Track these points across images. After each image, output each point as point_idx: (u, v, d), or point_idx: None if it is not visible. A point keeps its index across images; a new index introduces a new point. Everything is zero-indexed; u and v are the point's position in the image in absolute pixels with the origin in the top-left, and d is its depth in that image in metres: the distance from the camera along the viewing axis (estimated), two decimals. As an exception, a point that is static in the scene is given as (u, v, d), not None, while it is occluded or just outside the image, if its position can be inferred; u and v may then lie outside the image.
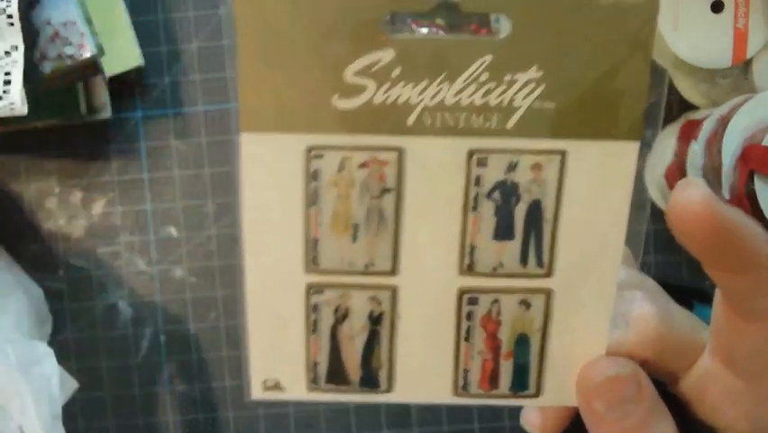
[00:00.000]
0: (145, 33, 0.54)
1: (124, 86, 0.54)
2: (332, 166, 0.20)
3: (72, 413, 0.56)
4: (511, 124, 0.19)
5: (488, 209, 0.20)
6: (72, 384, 0.47)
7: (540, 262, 0.20)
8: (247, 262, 0.22)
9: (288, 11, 0.19)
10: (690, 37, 0.48)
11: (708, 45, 0.48)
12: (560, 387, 0.21)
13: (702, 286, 0.23)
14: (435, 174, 0.20)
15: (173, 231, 0.56)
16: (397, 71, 0.19)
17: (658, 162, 0.52)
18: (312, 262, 0.21)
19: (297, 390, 0.22)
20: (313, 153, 0.20)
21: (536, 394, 0.21)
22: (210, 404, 0.56)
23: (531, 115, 0.19)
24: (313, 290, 0.21)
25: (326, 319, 0.21)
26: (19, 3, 0.44)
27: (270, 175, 0.21)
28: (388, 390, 0.21)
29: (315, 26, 0.19)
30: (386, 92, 0.19)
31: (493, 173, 0.19)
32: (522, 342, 0.21)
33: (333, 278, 0.21)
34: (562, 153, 0.19)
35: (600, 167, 0.20)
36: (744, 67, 0.49)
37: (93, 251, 0.56)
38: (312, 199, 0.20)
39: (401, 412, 0.56)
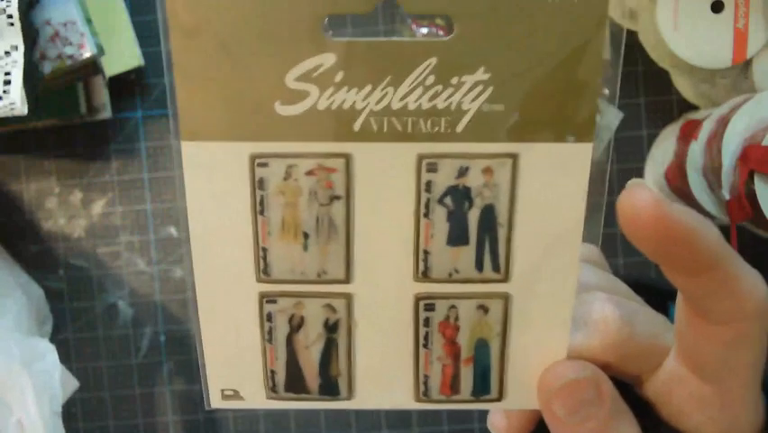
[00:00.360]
0: (145, 33, 0.54)
1: (124, 86, 0.54)
2: (278, 174, 0.19)
3: (72, 412, 0.56)
4: (460, 127, 0.19)
5: (440, 215, 0.19)
6: (73, 383, 0.48)
7: (496, 267, 0.20)
8: (196, 272, 0.20)
9: (224, 15, 0.18)
10: (690, 37, 0.48)
11: (708, 45, 0.48)
12: (522, 390, 0.21)
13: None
14: (385, 180, 0.19)
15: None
16: (339, 76, 0.18)
17: (658, 162, 0.52)
18: (263, 271, 0.20)
19: (255, 398, 0.21)
20: (257, 162, 0.19)
21: (499, 398, 0.21)
22: (210, 404, 0.56)
23: (480, 118, 0.18)
24: (266, 299, 0.20)
25: (281, 328, 0.21)
26: (19, 3, 0.44)
27: (215, 184, 0.19)
28: (349, 397, 0.21)
29: (252, 31, 0.18)
30: (329, 97, 0.18)
31: (444, 178, 0.19)
32: (482, 347, 0.20)
33: (285, 287, 0.20)
34: (514, 156, 0.19)
35: (553, 169, 0.19)
36: (744, 67, 0.49)
37: (93, 251, 0.56)
38: (259, 208, 0.19)
39: (401, 412, 0.56)
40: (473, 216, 0.19)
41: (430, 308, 0.20)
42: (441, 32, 0.54)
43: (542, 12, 0.18)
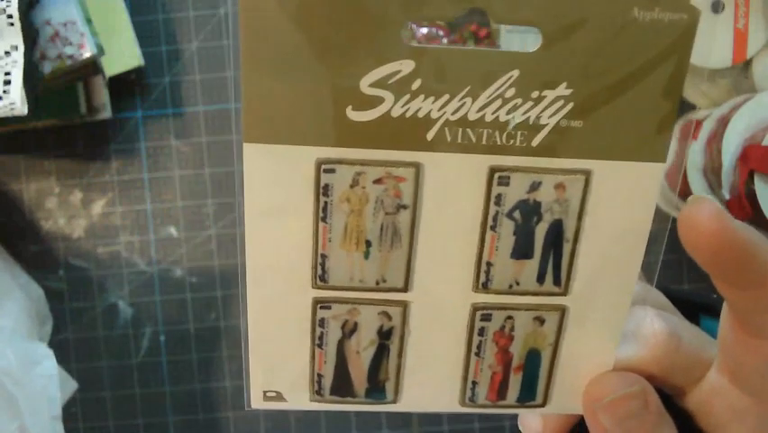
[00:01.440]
0: (145, 33, 0.54)
1: (124, 86, 0.54)
2: (344, 181, 0.19)
3: (72, 413, 0.56)
4: (536, 142, 0.18)
5: (507, 228, 0.19)
6: (72, 385, 0.48)
7: (557, 281, 0.20)
8: (249, 276, 0.20)
9: (303, 15, 0.18)
10: (690, 37, 0.48)
11: (708, 45, 0.48)
12: (566, 397, 0.21)
13: (709, 299, 0.22)
14: (454, 191, 0.19)
15: (173, 231, 0.56)
16: (417, 83, 0.18)
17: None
18: (319, 278, 0.20)
19: (299, 400, 0.21)
20: (324, 167, 0.19)
21: (543, 404, 0.21)
22: (210, 404, 0.56)
23: (557, 134, 0.18)
24: (320, 305, 0.20)
25: (333, 333, 0.20)
26: (19, 3, 0.44)
27: (276, 188, 0.19)
28: (395, 400, 0.21)
29: (330, 32, 0.17)
30: (404, 105, 0.18)
31: (515, 192, 0.19)
32: (533, 356, 0.21)
33: (341, 293, 0.20)
34: (587, 173, 0.19)
35: (624, 187, 0.19)
36: (743, 67, 0.49)
37: (93, 251, 0.56)
38: (322, 215, 0.19)
39: (401, 413, 0.56)
40: (540, 231, 0.19)
41: (486, 318, 0.20)
42: (441, 32, 0.54)
43: (630, 29, 0.17)
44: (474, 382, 0.21)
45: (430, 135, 0.18)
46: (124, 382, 0.56)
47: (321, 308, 0.20)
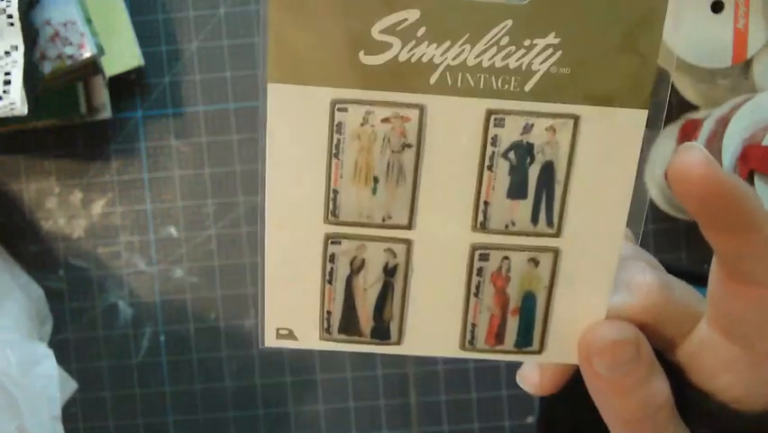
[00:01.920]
0: (145, 33, 0.54)
1: (124, 86, 0.54)
2: (355, 119, 0.20)
3: (72, 412, 0.56)
4: (529, 87, 0.20)
5: (503, 168, 0.20)
6: (72, 385, 0.48)
7: (550, 222, 0.21)
8: (267, 212, 0.21)
9: None
10: (690, 37, 0.48)
11: (708, 45, 0.48)
12: (562, 345, 0.22)
13: (703, 271, 0.22)
14: (454, 132, 0.20)
15: (173, 231, 0.56)
16: (421, 31, 0.19)
17: (658, 162, 0.52)
18: (332, 213, 0.21)
19: (309, 339, 0.22)
20: (338, 106, 0.20)
21: (539, 351, 0.22)
22: (210, 404, 0.56)
23: (547, 80, 0.20)
24: (331, 240, 0.21)
25: (342, 270, 0.21)
26: (19, 3, 0.44)
27: (295, 125, 0.20)
28: (398, 342, 0.22)
29: None
30: (410, 50, 0.19)
31: (510, 134, 0.20)
32: (529, 299, 0.21)
33: (350, 229, 0.21)
34: (576, 118, 0.20)
35: (610, 132, 0.20)
36: (743, 67, 0.49)
37: (93, 251, 0.56)
38: (335, 151, 0.20)
39: (401, 412, 0.56)
40: (533, 172, 0.21)
41: (484, 258, 0.21)
42: None
43: None
44: (473, 325, 0.22)
45: (432, 79, 0.20)
46: (124, 382, 0.56)
47: (332, 243, 0.21)
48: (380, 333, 0.22)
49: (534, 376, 0.23)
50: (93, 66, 0.49)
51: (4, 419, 0.41)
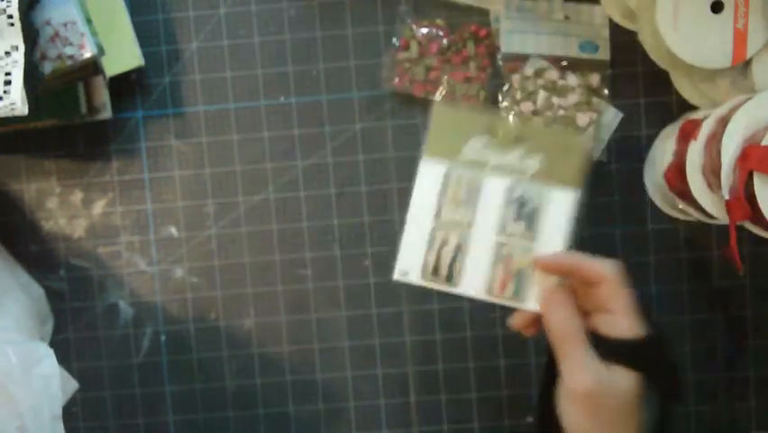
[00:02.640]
0: (145, 33, 0.54)
1: (125, 86, 0.54)
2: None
3: (73, 412, 0.56)
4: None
5: (512, 208, 0.42)
6: (72, 385, 0.48)
7: (531, 230, 0.42)
8: (409, 214, 0.42)
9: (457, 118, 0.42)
10: (689, 37, 0.48)
11: (708, 45, 0.48)
12: (533, 299, 0.41)
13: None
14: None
15: (173, 231, 0.56)
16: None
17: (657, 163, 0.52)
18: (436, 216, 0.42)
19: (416, 278, 0.41)
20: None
21: (522, 302, 0.41)
22: (210, 404, 0.56)
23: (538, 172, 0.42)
24: (434, 230, 0.41)
25: (437, 244, 0.41)
26: (19, 3, 0.44)
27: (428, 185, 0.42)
28: (456, 286, 0.41)
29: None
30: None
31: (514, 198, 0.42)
32: (521, 272, 0.41)
33: (445, 224, 0.42)
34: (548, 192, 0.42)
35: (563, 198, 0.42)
36: (743, 67, 0.49)
37: (93, 251, 0.56)
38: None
39: (401, 412, 0.56)
40: (527, 211, 0.42)
41: (501, 247, 0.41)
42: (441, 32, 0.54)
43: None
44: (492, 280, 0.41)
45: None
46: (125, 382, 0.56)
47: (437, 230, 0.42)
48: (450, 279, 0.41)
49: (521, 318, 0.42)
50: (93, 66, 0.49)
51: (4, 418, 0.41)
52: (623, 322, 0.38)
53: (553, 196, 0.41)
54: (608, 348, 0.38)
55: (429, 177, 0.41)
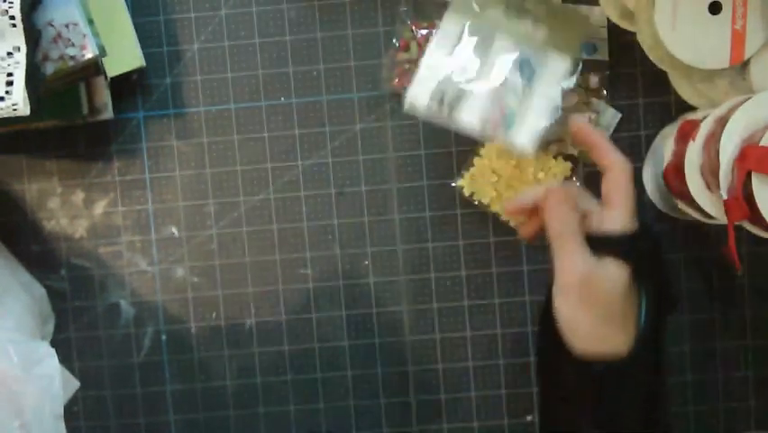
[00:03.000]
0: (146, 34, 0.54)
1: (126, 86, 0.55)
2: None
3: (74, 412, 0.56)
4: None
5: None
6: (74, 384, 0.48)
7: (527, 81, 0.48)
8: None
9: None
10: (687, 38, 0.48)
11: (706, 46, 0.48)
12: (521, 137, 0.46)
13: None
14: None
15: (174, 231, 0.56)
16: None
17: (656, 163, 0.52)
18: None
19: (422, 108, 0.47)
20: None
21: (512, 139, 0.46)
22: (211, 403, 0.57)
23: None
24: (448, 70, 0.48)
25: (446, 80, 0.47)
26: (21, 4, 0.44)
27: None
28: (456, 119, 0.47)
29: None
30: None
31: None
32: (513, 113, 0.47)
33: (456, 67, 0.48)
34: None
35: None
36: (741, 67, 0.49)
37: (95, 250, 0.56)
38: None
39: (401, 412, 0.56)
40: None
41: (503, 97, 0.47)
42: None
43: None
44: (488, 118, 0.47)
45: None
46: (126, 381, 0.56)
47: (447, 70, 0.48)
48: (451, 113, 0.46)
49: (514, 205, 0.44)
50: (95, 67, 0.50)
51: (6, 417, 0.41)
52: (618, 215, 0.40)
53: (551, 60, 0.47)
54: (599, 241, 0.40)
55: (450, 26, 0.47)
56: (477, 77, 0.47)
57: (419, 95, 0.47)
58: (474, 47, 0.47)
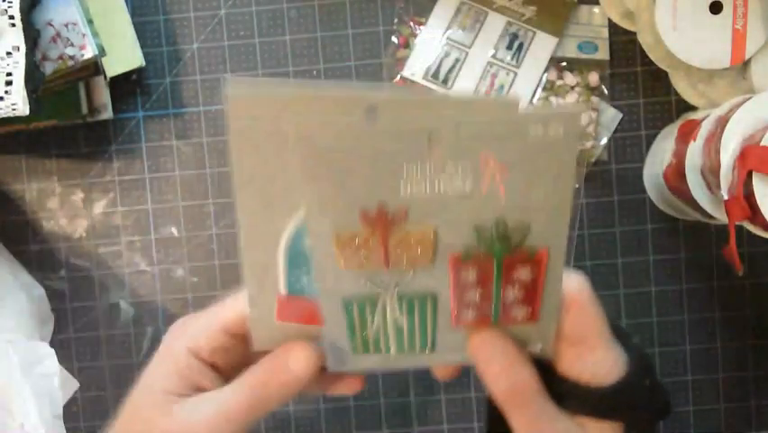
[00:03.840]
0: (146, 34, 0.54)
1: (125, 86, 0.55)
2: None
3: (73, 412, 0.56)
4: None
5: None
6: (73, 384, 0.48)
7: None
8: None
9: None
10: (688, 37, 0.48)
11: (707, 46, 0.48)
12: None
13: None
14: None
15: (174, 231, 0.56)
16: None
17: (657, 163, 0.52)
18: None
19: (419, 78, 0.50)
20: None
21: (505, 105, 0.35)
22: (211, 403, 0.56)
23: None
24: (444, 44, 0.50)
25: (442, 53, 0.51)
26: (21, 4, 0.44)
27: None
28: (450, 89, 0.51)
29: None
30: None
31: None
32: (503, 86, 0.51)
33: (451, 42, 0.50)
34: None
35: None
36: (742, 67, 0.49)
37: (94, 250, 0.56)
38: None
39: (401, 412, 0.56)
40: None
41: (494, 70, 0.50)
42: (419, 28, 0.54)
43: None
44: (479, 88, 0.50)
45: None
46: (126, 382, 0.56)
47: (443, 44, 0.49)
48: (445, 82, 0.50)
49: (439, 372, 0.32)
50: (94, 67, 0.50)
51: (5, 417, 0.41)
52: (598, 357, 0.29)
53: (539, 38, 0.51)
54: (578, 399, 0.29)
55: (446, 6, 0.52)
56: (468, 50, 0.51)
57: (416, 68, 0.51)
58: (468, 22, 0.51)
